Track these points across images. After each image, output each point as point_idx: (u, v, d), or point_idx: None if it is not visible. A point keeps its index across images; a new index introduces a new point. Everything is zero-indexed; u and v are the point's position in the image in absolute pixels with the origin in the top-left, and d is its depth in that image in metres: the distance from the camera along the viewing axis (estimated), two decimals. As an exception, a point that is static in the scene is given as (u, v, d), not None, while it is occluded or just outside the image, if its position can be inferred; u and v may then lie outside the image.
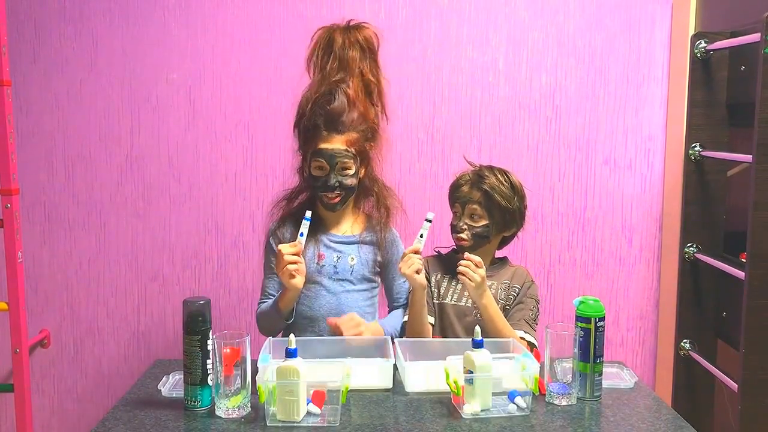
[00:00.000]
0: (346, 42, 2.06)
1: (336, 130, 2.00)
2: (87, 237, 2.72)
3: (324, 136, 2.00)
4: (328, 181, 2.00)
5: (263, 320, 2.06)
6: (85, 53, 2.64)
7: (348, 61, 2.05)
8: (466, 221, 2.08)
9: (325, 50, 2.07)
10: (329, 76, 2.04)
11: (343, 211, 2.09)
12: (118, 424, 1.56)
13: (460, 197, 2.10)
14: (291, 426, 1.54)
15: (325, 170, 2.00)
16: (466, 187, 2.10)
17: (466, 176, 2.13)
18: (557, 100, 2.69)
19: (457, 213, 2.11)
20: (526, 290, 2.11)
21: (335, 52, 2.05)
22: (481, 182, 2.08)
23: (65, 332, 2.76)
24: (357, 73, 2.06)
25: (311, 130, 2.02)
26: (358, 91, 2.04)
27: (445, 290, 2.13)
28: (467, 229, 2.07)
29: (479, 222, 2.07)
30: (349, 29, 2.09)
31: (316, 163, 2.01)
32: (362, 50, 2.07)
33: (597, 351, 1.68)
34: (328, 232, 2.09)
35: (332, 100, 2.00)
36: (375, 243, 2.12)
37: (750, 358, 2.12)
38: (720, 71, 2.48)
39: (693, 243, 2.54)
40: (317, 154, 2.00)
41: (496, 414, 1.60)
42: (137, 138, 2.68)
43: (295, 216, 2.07)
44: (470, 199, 2.07)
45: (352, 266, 2.07)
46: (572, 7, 2.65)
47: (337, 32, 2.08)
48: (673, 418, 1.63)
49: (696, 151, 2.51)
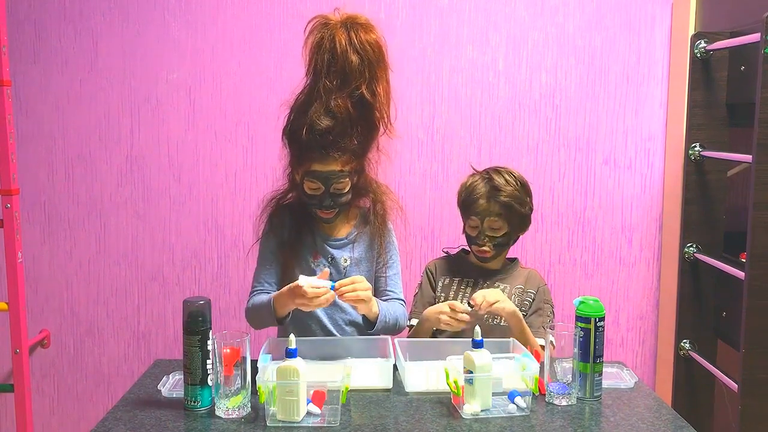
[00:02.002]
0: (348, 47, 1.86)
1: (331, 152, 1.89)
2: (87, 237, 2.72)
3: (318, 157, 1.90)
4: (323, 201, 1.94)
5: (255, 315, 1.99)
6: (85, 53, 2.64)
7: (350, 70, 1.87)
8: (487, 233, 2.04)
9: (325, 53, 1.88)
10: (327, 88, 1.88)
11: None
12: (118, 424, 1.56)
13: (479, 212, 2.04)
14: (291, 426, 1.54)
15: (319, 190, 1.93)
16: (482, 200, 2.03)
17: (479, 187, 2.05)
18: (557, 100, 2.69)
19: (476, 226, 2.05)
20: (542, 296, 2.11)
21: (337, 58, 1.86)
22: (497, 194, 2.02)
23: (65, 332, 2.76)
24: (359, 85, 1.88)
25: (304, 149, 1.90)
26: (357, 108, 1.90)
27: (454, 294, 2.11)
28: (489, 240, 2.05)
29: (499, 233, 2.04)
30: (353, 27, 1.88)
31: (311, 183, 1.93)
32: (367, 58, 1.88)
33: (597, 351, 1.68)
34: (322, 233, 2.06)
35: (328, 121, 1.87)
36: (367, 246, 2.08)
37: (750, 358, 2.12)
38: (720, 71, 2.48)
39: (693, 243, 2.54)
40: (311, 174, 1.91)
41: (496, 414, 1.59)
42: (137, 138, 2.68)
43: (291, 206, 2.05)
44: (489, 212, 2.03)
45: (345, 266, 2.06)
46: (572, 7, 2.66)
47: (339, 31, 1.87)
48: (673, 418, 1.63)
49: (696, 151, 2.51)
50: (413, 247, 2.69)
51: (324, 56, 1.87)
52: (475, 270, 2.12)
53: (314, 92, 1.91)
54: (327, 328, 2.02)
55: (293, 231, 2.04)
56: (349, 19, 1.91)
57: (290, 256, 2.03)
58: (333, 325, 2.03)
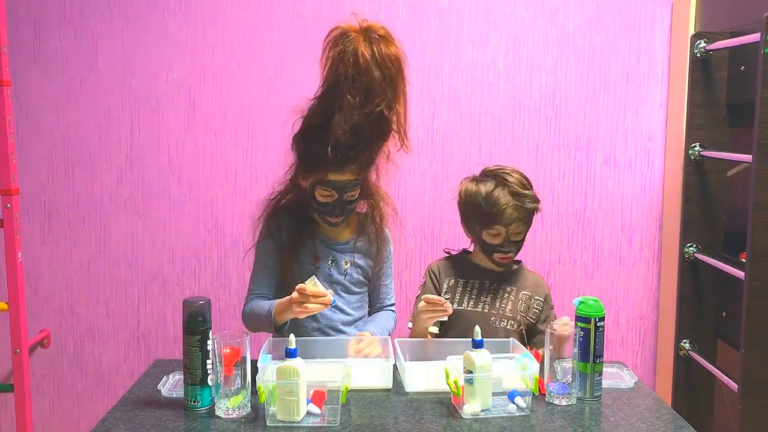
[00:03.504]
0: (371, 62, 1.83)
1: (350, 165, 1.91)
2: (87, 237, 2.72)
3: (335, 168, 1.90)
4: (334, 209, 1.95)
5: (252, 321, 1.99)
6: (85, 53, 2.64)
7: (373, 87, 1.84)
8: (512, 239, 2.02)
9: (348, 67, 1.83)
10: (350, 104, 1.84)
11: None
12: (118, 424, 1.56)
13: (506, 222, 2.00)
14: (291, 426, 1.54)
15: (332, 197, 1.94)
16: (509, 209, 1.99)
17: (501, 198, 1.99)
18: (557, 100, 2.69)
19: (500, 234, 2.01)
20: (549, 303, 2.11)
21: (360, 73, 1.83)
22: (522, 201, 2.00)
23: (65, 332, 2.76)
24: (380, 102, 1.86)
25: (322, 160, 1.88)
26: (376, 122, 1.89)
27: (460, 296, 2.10)
28: (513, 245, 2.03)
29: (520, 236, 2.04)
30: (374, 40, 1.85)
31: (324, 191, 1.93)
32: (389, 75, 1.86)
33: (597, 351, 1.68)
34: (323, 236, 2.07)
35: (352, 138, 1.86)
36: (366, 249, 2.09)
37: (750, 358, 2.12)
38: (720, 71, 2.48)
39: (693, 243, 2.54)
40: (326, 183, 1.92)
41: (496, 414, 1.59)
42: (137, 138, 2.68)
43: (289, 209, 2.05)
44: (517, 219, 2.00)
45: (346, 269, 2.07)
46: (572, 7, 2.66)
47: (362, 44, 1.83)
48: (673, 418, 1.63)
49: (696, 151, 2.51)
50: (413, 248, 2.69)
51: (347, 71, 1.83)
52: (480, 271, 2.11)
53: (334, 105, 1.87)
54: (324, 331, 2.03)
55: (292, 234, 2.04)
56: (369, 29, 1.87)
57: (290, 260, 2.03)
58: (330, 328, 2.04)
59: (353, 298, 2.09)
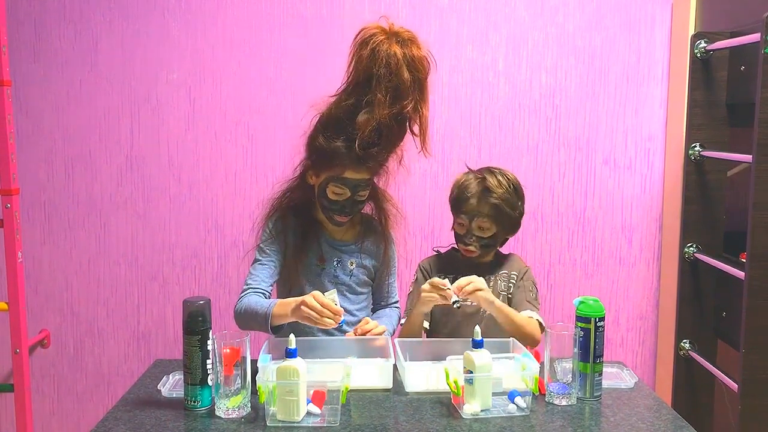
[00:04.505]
0: (403, 63, 1.84)
1: (369, 163, 1.93)
2: (87, 237, 2.72)
3: (352, 166, 1.92)
4: (345, 207, 1.97)
5: (246, 319, 1.93)
6: (85, 53, 2.64)
7: (403, 88, 1.86)
8: (475, 233, 2.05)
9: (381, 67, 1.83)
10: (379, 102, 1.84)
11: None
12: (118, 424, 1.56)
13: (468, 212, 2.04)
14: (291, 426, 1.54)
15: (345, 196, 1.95)
16: (473, 200, 2.03)
17: (471, 187, 2.05)
18: (557, 100, 2.69)
19: (464, 224, 2.05)
20: (523, 275, 2.12)
21: (392, 73, 1.84)
22: (488, 195, 2.02)
23: (65, 332, 2.76)
24: (407, 104, 1.88)
25: (341, 157, 1.90)
26: (400, 124, 1.91)
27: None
28: (476, 240, 2.05)
29: (487, 233, 2.05)
30: (404, 43, 1.86)
31: (337, 189, 1.94)
32: (418, 77, 1.88)
33: (597, 351, 1.68)
34: (328, 237, 2.08)
35: (377, 136, 1.88)
36: (372, 250, 2.12)
37: (750, 358, 2.12)
38: (720, 71, 2.48)
39: (693, 243, 2.54)
40: (341, 181, 1.93)
41: (496, 414, 1.59)
42: (137, 138, 2.68)
43: (295, 208, 2.06)
44: (479, 212, 2.03)
45: (351, 270, 2.07)
46: (572, 7, 2.65)
47: (394, 45, 1.84)
48: (673, 418, 1.63)
49: (696, 151, 2.51)
50: (413, 248, 2.69)
51: (380, 70, 1.84)
52: (467, 266, 2.11)
53: (361, 103, 1.88)
54: (328, 330, 2.02)
55: (298, 234, 2.04)
56: (397, 32, 1.88)
57: (295, 260, 2.03)
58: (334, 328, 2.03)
59: (358, 299, 2.10)
